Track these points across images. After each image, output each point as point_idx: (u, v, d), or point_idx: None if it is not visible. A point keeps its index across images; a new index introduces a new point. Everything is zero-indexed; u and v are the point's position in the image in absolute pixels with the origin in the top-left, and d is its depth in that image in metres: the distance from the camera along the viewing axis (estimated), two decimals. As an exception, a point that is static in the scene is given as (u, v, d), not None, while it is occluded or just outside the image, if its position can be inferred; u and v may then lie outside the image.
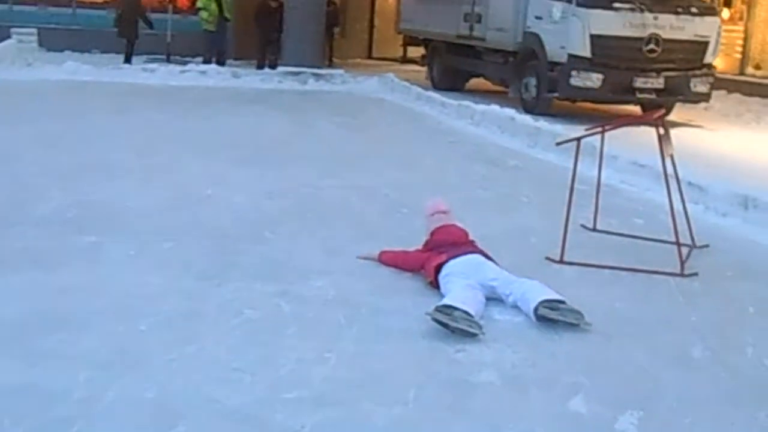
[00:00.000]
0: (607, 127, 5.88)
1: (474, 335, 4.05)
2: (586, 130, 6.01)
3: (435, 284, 4.72)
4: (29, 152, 8.03)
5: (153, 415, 3.20)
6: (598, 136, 5.98)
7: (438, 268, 4.73)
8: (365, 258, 5.24)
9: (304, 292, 4.61)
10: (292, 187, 7.18)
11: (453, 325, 4.07)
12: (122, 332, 3.94)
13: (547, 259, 5.44)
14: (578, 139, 5.63)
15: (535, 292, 4.43)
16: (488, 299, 4.50)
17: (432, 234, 5.16)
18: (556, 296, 4.38)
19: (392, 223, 6.18)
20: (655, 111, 6.16)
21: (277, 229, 5.88)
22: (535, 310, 4.31)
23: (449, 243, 4.97)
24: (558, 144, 6.21)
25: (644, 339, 4.24)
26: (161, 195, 6.66)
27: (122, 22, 16.11)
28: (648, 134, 5.83)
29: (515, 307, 4.48)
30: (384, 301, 4.54)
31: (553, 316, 4.28)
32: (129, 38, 16.12)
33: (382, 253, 5.23)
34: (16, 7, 19.00)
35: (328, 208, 6.61)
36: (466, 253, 4.82)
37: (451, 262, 4.73)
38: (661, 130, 5.58)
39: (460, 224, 5.21)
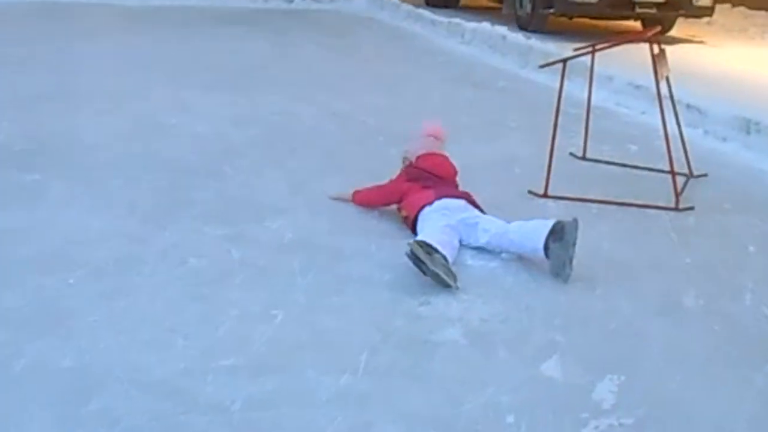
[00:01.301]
0: (597, 47, 5.37)
1: (448, 286, 3.61)
2: (575, 50, 5.51)
3: (411, 222, 4.24)
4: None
5: (65, 388, 2.79)
6: (594, 54, 5.46)
7: (422, 209, 4.22)
8: (337, 198, 4.74)
9: (259, 234, 4.19)
10: (262, 115, 6.69)
11: (430, 268, 3.58)
12: (47, 286, 3.52)
13: (530, 193, 5.01)
14: (564, 61, 5.12)
15: (535, 230, 3.92)
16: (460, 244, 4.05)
17: (417, 159, 4.60)
18: (551, 223, 3.90)
19: (366, 153, 5.72)
20: (651, 28, 5.64)
21: (239, 161, 5.42)
22: (546, 247, 3.84)
23: (435, 176, 4.45)
24: (542, 66, 5.70)
25: (631, 285, 3.82)
26: (120, 126, 6.18)
27: None
28: (646, 52, 5.32)
29: (488, 249, 4.03)
30: (345, 244, 4.12)
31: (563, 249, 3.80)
32: None
33: (356, 193, 4.70)
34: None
35: (298, 136, 6.14)
36: (453, 197, 4.30)
37: (437, 204, 4.21)
38: (656, 49, 5.08)
39: (450, 158, 4.66)
